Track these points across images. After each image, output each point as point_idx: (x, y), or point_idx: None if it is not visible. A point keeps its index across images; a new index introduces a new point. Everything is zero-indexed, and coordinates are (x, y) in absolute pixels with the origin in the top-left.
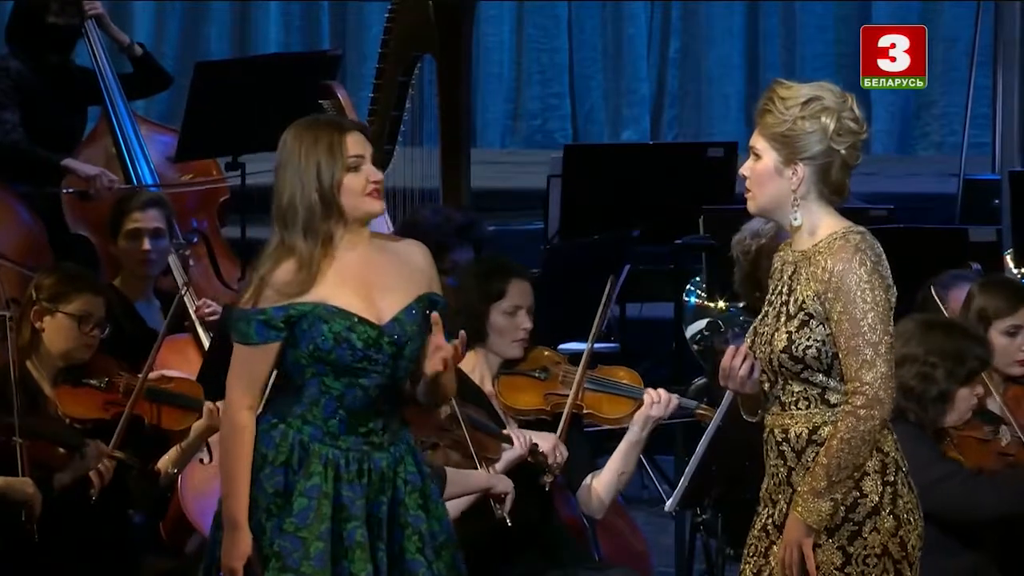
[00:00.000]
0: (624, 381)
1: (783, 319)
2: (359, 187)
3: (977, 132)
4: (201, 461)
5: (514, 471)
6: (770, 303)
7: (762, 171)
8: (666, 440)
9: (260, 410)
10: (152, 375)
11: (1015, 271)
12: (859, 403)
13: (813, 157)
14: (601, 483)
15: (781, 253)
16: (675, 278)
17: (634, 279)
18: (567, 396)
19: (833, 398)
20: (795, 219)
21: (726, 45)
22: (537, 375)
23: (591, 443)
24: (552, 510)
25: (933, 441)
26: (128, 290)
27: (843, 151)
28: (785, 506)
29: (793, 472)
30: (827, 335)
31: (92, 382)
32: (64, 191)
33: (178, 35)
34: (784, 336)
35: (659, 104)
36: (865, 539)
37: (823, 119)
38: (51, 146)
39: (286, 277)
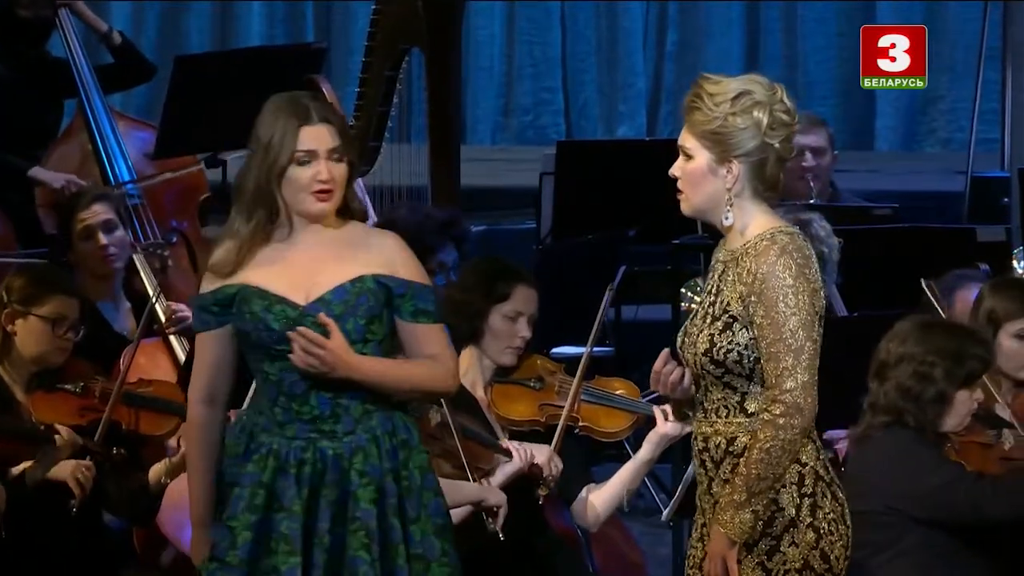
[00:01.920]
0: (621, 394)
1: (708, 320)
2: (304, 182)
3: (985, 128)
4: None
5: (507, 483)
6: (700, 303)
7: (695, 171)
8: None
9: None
10: (129, 379)
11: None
12: (778, 412)
13: (748, 154)
14: (602, 498)
15: (716, 252)
16: (673, 279)
17: (630, 280)
18: (562, 407)
19: (752, 406)
20: (726, 219)
21: (725, 38)
22: (532, 384)
23: (585, 452)
24: (544, 521)
25: (933, 445)
26: (90, 291)
27: (777, 145)
28: (712, 515)
29: (713, 482)
30: (750, 339)
31: (67, 387)
32: (37, 207)
33: (157, 30)
34: (706, 338)
35: (655, 99)
36: (784, 554)
37: (755, 114)
38: (27, 143)
39: (219, 257)
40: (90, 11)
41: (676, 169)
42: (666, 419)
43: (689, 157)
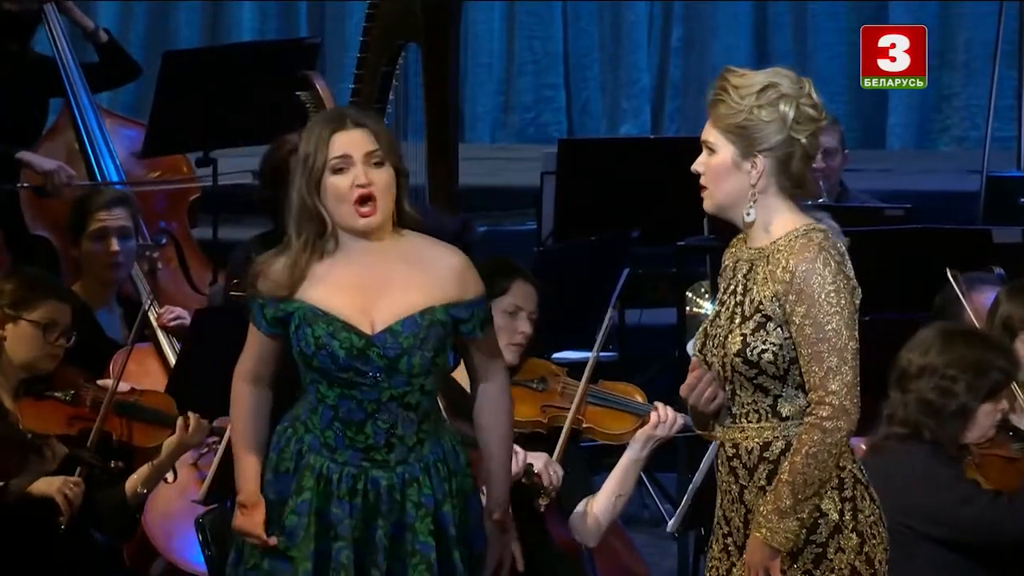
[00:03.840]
0: (627, 396)
1: (737, 320)
2: (341, 191)
3: (1001, 126)
4: (165, 480)
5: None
6: (722, 303)
7: (719, 166)
8: (668, 457)
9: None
10: (121, 388)
11: None
12: (825, 414)
13: (773, 148)
14: (596, 507)
15: (733, 249)
16: (678, 282)
17: (634, 283)
18: (566, 409)
19: (785, 410)
20: (748, 215)
21: (732, 33)
22: (534, 386)
23: (587, 461)
24: (545, 532)
25: (951, 460)
26: (90, 296)
27: (804, 140)
28: (741, 525)
29: (745, 490)
30: (785, 339)
31: (57, 395)
32: (19, 186)
33: (145, 22)
34: (738, 339)
35: (660, 96)
36: (831, 561)
37: (781, 107)
38: (9, 141)
39: (275, 275)
40: (77, 8)
41: (699, 164)
42: (659, 420)
43: (712, 152)
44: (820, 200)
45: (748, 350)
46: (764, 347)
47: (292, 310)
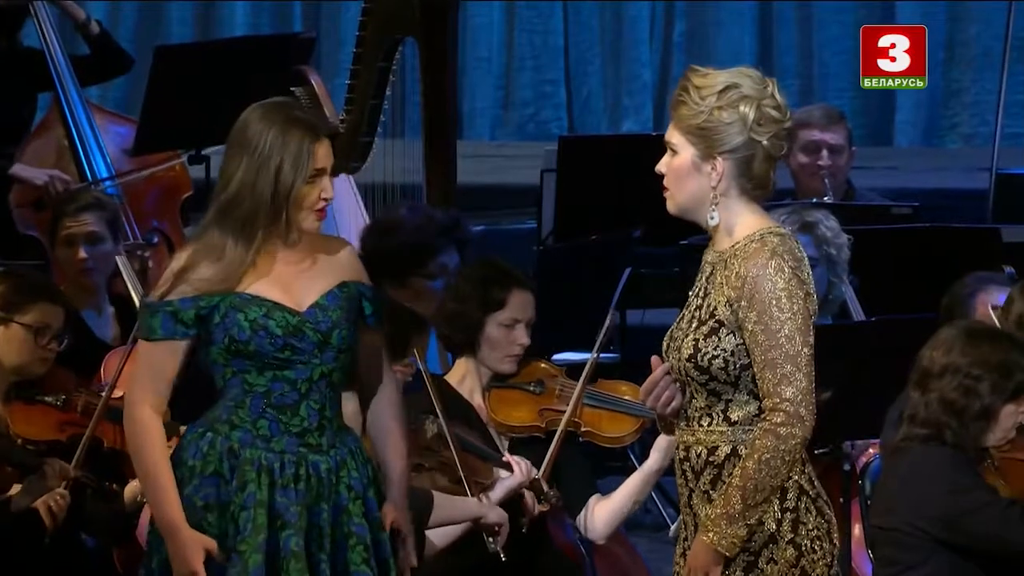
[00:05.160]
0: (626, 397)
1: (695, 324)
2: (311, 201)
3: (1011, 122)
4: None
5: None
6: (687, 306)
7: (680, 167)
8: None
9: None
10: (114, 393)
11: None
12: (779, 420)
13: (733, 150)
14: (610, 507)
15: (706, 250)
16: (680, 282)
17: (636, 283)
18: (563, 412)
19: (735, 415)
20: (712, 218)
21: (736, 27)
22: (531, 389)
23: (590, 462)
24: (546, 537)
25: (970, 465)
26: (75, 297)
27: (765, 142)
28: (694, 528)
29: (693, 494)
30: (737, 345)
31: (48, 399)
32: (17, 207)
33: (136, 16)
34: (691, 343)
35: (662, 92)
36: (761, 570)
37: (742, 108)
38: None
39: (205, 274)
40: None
41: (662, 165)
42: None
43: (674, 153)
44: (826, 198)
45: (699, 356)
46: (715, 353)
47: (215, 303)
